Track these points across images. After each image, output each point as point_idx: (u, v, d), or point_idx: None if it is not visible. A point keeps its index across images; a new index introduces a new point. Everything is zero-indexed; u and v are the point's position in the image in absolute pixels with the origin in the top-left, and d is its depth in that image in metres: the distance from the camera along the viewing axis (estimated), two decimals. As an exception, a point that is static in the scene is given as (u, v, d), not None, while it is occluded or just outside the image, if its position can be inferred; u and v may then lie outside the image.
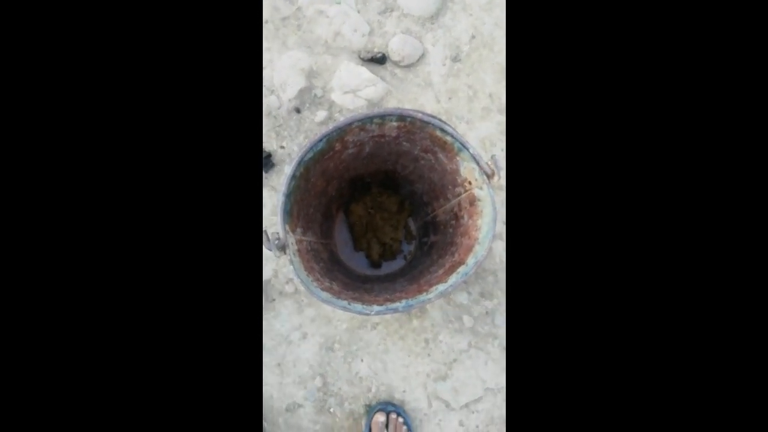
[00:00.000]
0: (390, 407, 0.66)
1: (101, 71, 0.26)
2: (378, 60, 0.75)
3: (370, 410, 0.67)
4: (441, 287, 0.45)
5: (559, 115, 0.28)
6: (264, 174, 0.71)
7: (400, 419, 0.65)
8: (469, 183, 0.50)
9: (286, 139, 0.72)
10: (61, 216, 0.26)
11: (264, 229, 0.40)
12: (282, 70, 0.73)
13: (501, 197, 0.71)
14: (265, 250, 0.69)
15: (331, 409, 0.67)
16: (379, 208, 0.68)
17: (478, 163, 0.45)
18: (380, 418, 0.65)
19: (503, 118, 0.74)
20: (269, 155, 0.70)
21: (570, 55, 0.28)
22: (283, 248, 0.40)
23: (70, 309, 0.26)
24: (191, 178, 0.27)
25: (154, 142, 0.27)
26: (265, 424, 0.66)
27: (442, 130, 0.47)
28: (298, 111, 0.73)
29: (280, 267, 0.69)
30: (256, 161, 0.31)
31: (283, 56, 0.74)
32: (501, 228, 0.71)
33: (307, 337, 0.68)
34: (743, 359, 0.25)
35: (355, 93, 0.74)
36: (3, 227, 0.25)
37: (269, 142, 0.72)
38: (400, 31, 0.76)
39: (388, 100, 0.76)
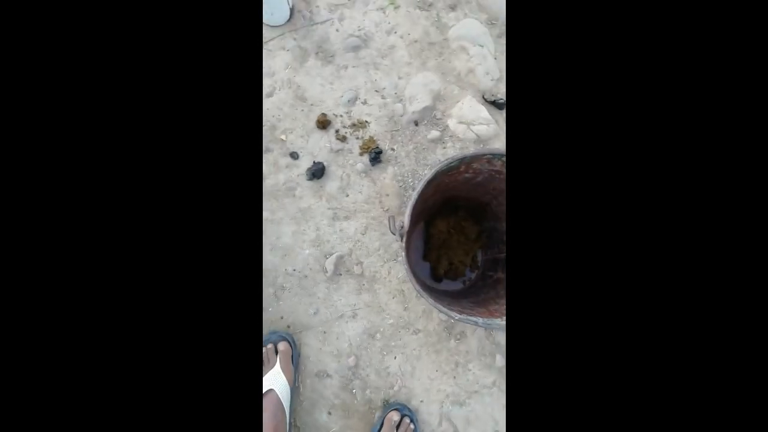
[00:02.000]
0: (406, 410, 0.70)
1: (98, 70, 0.26)
2: (498, 105, 0.83)
3: (387, 406, 0.71)
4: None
5: (558, 129, 0.28)
6: (370, 166, 0.79)
7: (412, 426, 0.69)
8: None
9: (398, 144, 0.81)
10: (64, 208, 0.26)
11: (390, 215, 0.47)
12: (415, 86, 0.83)
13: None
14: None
15: (354, 390, 0.72)
16: (459, 231, 0.74)
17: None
18: (395, 416, 0.69)
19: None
20: (380, 152, 0.79)
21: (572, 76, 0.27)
22: (402, 236, 0.47)
23: (74, 292, 0.25)
24: (194, 166, 0.27)
25: (157, 134, 0.27)
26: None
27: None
28: (416, 124, 0.82)
29: (355, 248, 0.77)
30: (255, 153, 0.30)
31: (419, 74, 0.84)
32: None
33: (357, 318, 0.74)
34: (743, 360, 0.25)
35: (468, 125, 0.82)
36: (3, 226, 0.25)
37: (384, 142, 0.81)
38: (526, 87, 0.83)
39: (495, 141, 0.83)
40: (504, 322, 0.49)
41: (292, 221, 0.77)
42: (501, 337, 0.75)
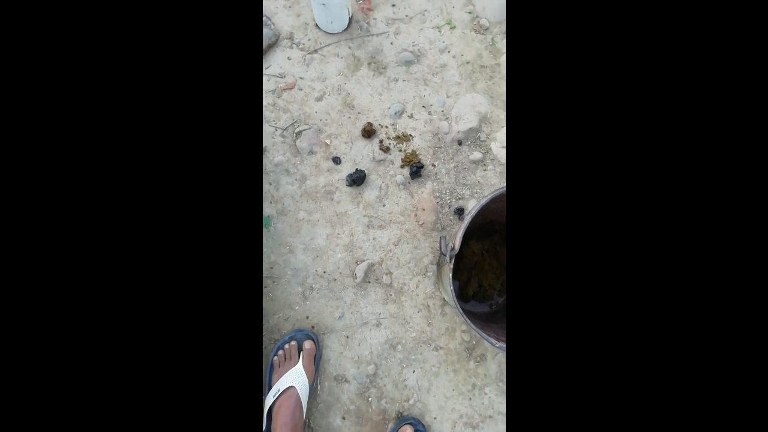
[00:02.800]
0: (419, 426, 0.70)
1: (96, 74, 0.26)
2: (542, 133, 0.84)
3: (401, 419, 0.71)
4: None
5: (558, 154, 0.28)
6: (410, 180, 0.80)
7: (423, 441, 0.69)
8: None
9: (440, 161, 0.82)
10: (68, 209, 0.26)
11: (442, 236, 0.48)
12: (462, 106, 0.84)
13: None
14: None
15: (370, 399, 0.73)
16: (493, 255, 0.74)
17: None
18: (408, 430, 0.69)
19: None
20: (422, 166, 0.80)
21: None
22: (451, 258, 0.48)
23: (74, 291, 0.25)
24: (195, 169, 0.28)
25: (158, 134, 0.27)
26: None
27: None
28: (459, 143, 0.83)
29: (386, 258, 0.78)
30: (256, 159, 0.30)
31: (468, 95, 0.85)
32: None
33: (380, 327, 0.75)
34: (743, 361, 0.25)
35: (511, 151, 0.83)
36: (3, 227, 0.25)
37: (425, 157, 0.82)
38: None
39: (535, 169, 0.83)
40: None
41: (327, 224, 0.79)
42: (520, 365, 0.75)
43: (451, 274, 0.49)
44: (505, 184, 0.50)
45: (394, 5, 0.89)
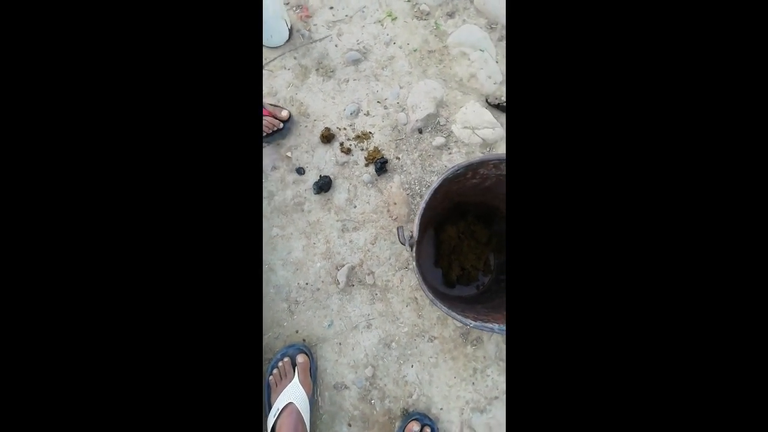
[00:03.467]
0: (426, 420, 0.70)
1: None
2: (501, 108, 0.83)
3: (407, 416, 0.71)
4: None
5: (559, 132, 0.28)
6: (377, 177, 0.80)
7: (432, 434, 0.69)
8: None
9: (403, 152, 0.82)
10: (65, 208, 0.25)
11: (400, 225, 0.48)
12: (417, 94, 0.83)
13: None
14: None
15: (372, 401, 0.72)
16: (470, 236, 0.74)
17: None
18: (415, 427, 0.68)
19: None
20: (386, 161, 0.80)
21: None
22: (412, 246, 0.47)
23: (72, 297, 0.25)
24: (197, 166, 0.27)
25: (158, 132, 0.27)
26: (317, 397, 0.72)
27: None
28: (420, 132, 0.82)
29: (366, 259, 0.77)
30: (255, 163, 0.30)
31: (420, 82, 0.84)
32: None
33: (371, 328, 0.75)
34: (743, 360, 0.24)
35: (473, 130, 0.82)
36: (3, 227, 0.25)
37: (388, 152, 0.81)
38: (528, 88, 0.83)
39: (500, 144, 0.83)
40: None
41: (302, 236, 0.78)
42: (518, 341, 0.74)
43: (415, 262, 0.49)
44: (455, 164, 0.50)
45: (332, 8, 0.88)
